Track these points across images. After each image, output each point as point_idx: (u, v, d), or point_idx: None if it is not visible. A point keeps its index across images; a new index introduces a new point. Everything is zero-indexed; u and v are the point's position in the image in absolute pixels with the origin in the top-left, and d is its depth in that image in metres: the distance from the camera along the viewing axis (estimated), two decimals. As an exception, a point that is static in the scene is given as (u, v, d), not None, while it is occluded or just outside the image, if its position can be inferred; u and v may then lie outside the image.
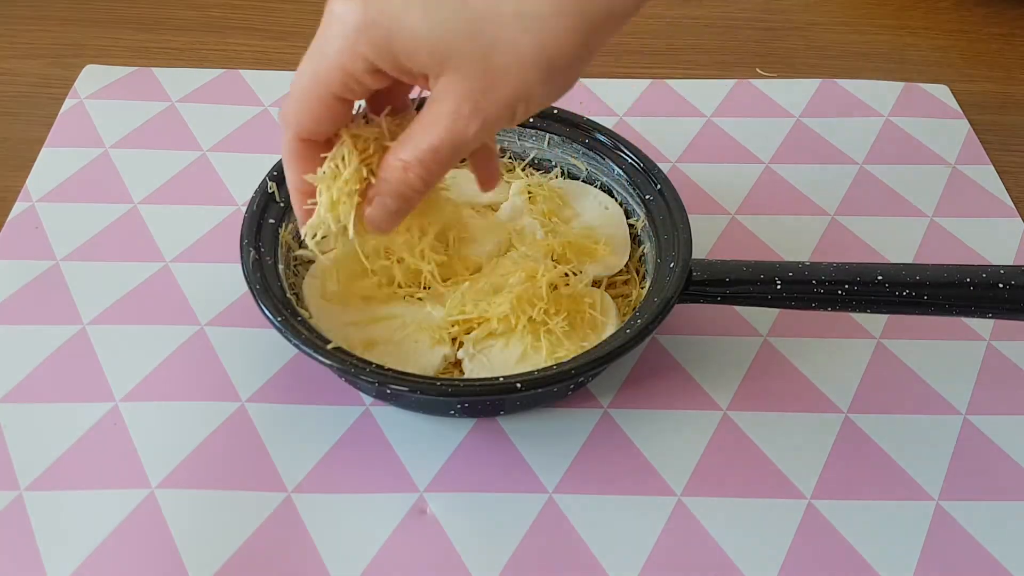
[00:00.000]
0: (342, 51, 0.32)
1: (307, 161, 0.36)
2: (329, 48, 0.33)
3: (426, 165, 0.34)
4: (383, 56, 0.32)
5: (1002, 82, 0.64)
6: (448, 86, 0.32)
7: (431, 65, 0.32)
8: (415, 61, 0.32)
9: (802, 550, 0.38)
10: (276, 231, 0.43)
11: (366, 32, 0.32)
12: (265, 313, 0.38)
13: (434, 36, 0.31)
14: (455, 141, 0.33)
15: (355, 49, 0.32)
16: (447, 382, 0.36)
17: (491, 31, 0.31)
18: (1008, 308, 0.39)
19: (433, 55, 0.31)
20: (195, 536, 0.37)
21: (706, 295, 0.41)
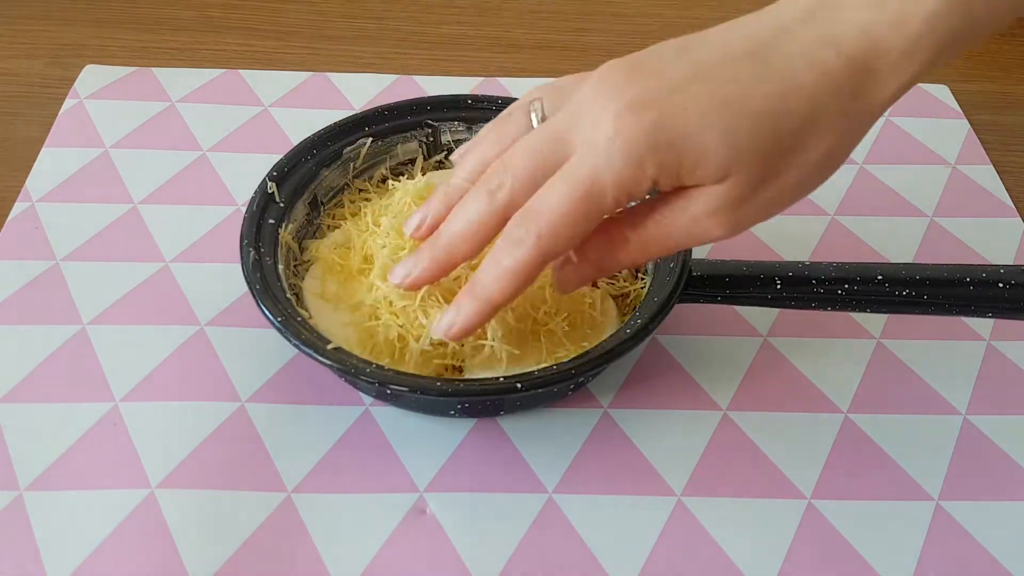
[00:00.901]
0: (623, 172, 0.31)
1: (529, 282, 0.34)
2: (606, 170, 0.31)
3: (647, 249, 0.34)
4: (667, 174, 0.31)
5: (1002, 82, 0.64)
6: (716, 191, 0.32)
7: (713, 177, 0.31)
8: (697, 175, 0.31)
9: (802, 550, 0.38)
10: (276, 231, 0.43)
11: (655, 154, 0.31)
12: (265, 313, 0.38)
13: (726, 151, 0.31)
14: (693, 237, 0.33)
15: (641, 170, 0.31)
16: (447, 382, 0.36)
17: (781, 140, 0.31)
18: (1008, 308, 0.39)
19: (721, 168, 0.31)
20: (195, 536, 0.37)
21: (706, 295, 0.41)
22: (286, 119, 0.57)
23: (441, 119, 0.48)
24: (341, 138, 0.47)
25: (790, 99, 0.31)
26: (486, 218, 0.34)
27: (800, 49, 0.31)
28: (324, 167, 0.46)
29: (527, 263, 0.33)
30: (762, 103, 0.31)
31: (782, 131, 0.31)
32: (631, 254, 0.34)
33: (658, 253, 0.34)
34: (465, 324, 0.35)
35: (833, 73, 0.31)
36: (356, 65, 0.63)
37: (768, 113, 0.31)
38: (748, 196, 0.32)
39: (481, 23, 0.68)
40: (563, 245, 0.33)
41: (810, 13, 0.32)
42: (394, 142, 0.48)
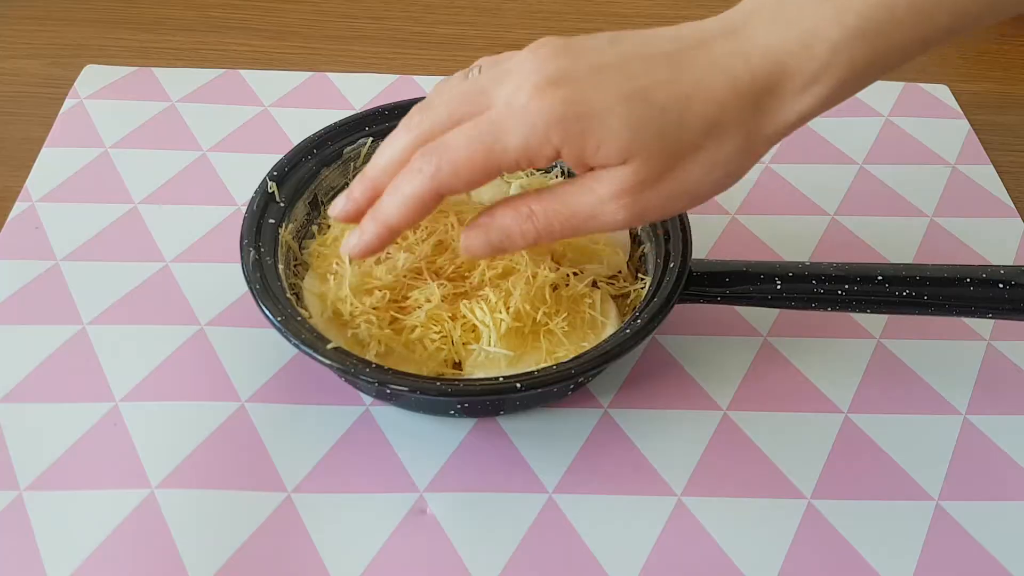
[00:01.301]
0: (530, 136, 0.33)
1: (424, 211, 0.35)
2: (514, 130, 0.33)
3: (551, 225, 0.35)
4: (571, 147, 0.33)
5: (1002, 82, 0.64)
6: (618, 174, 0.33)
7: (614, 159, 0.33)
8: (600, 154, 0.33)
9: (802, 550, 0.38)
10: (276, 231, 0.43)
11: (561, 125, 0.33)
12: (265, 313, 0.38)
13: (629, 135, 0.33)
14: (596, 219, 0.34)
15: (546, 137, 0.33)
16: (446, 382, 0.36)
17: (684, 135, 0.33)
18: (1008, 308, 0.39)
19: (623, 151, 0.33)
20: (195, 536, 0.37)
21: (706, 295, 0.41)
22: (286, 119, 0.57)
23: None
24: (342, 138, 0.47)
25: (696, 100, 0.33)
26: (404, 149, 0.36)
27: (714, 58, 0.33)
28: (325, 167, 0.46)
29: (423, 192, 0.34)
30: (669, 99, 0.33)
31: (685, 127, 0.33)
32: (536, 227, 0.35)
33: (561, 231, 0.35)
34: (366, 245, 0.37)
35: (739, 83, 0.33)
36: (356, 65, 0.63)
37: (673, 109, 0.33)
38: (648, 184, 0.34)
39: (481, 23, 0.68)
40: (459, 185, 0.34)
41: (731, 30, 0.34)
42: None
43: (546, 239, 0.36)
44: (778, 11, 0.34)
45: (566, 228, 0.35)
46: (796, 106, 0.34)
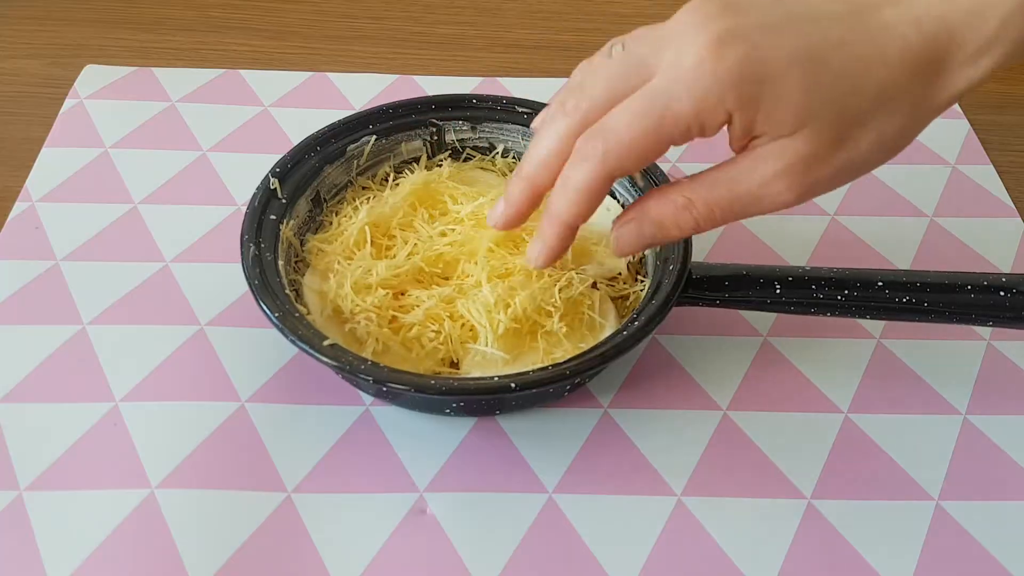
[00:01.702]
0: (704, 100, 0.31)
1: (598, 200, 0.33)
2: (686, 94, 0.31)
3: (712, 214, 0.33)
4: (744, 111, 0.31)
5: (1002, 82, 0.64)
6: (786, 147, 0.31)
7: (786, 127, 0.31)
8: (771, 121, 0.31)
9: (802, 550, 0.38)
10: (277, 227, 0.43)
11: (738, 86, 0.30)
12: (263, 308, 0.38)
13: (805, 101, 0.31)
14: (761, 200, 0.32)
15: (720, 100, 0.31)
16: (440, 380, 0.36)
17: (857, 104, 0.31)
18: (1009, 317, 0.38)
19: (797, 119, 0.31)
20: (195, 536, 0.37)
21: (704, 298, 0.41)
22: (286, 119, 0.57)
23: (445, 118, 0.49)
24: (345, 135, 0.47)
25: (871, 66, 0.31)
26: (563, 138, 0.34)
27: (886, 22, 0.31)
28: (328, 164, 0.46)
29: (593, 179, 0.33)
30: (847, 64, 0.31)
31: (860, 94, 0.31)
32: (695, 217, 0.33)
33: (723, 217, 0.33)
34: (551, 250, 0.36)
35: (912, 49, 0.31)
36: (356, 65, 0.63)
37: (851, 75, 0.31)
38: (820, 157, 0.32)
39: (481, 23, 0.68)
40: (630, 165, 0.32)
41: None
42: (398, 140, 0.48)
43: (705, 228, 0.34)
44: None
45: (728, 214, 0.33)
46: (964, 76, 0.32)
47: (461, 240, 0.43)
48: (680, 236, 0.34)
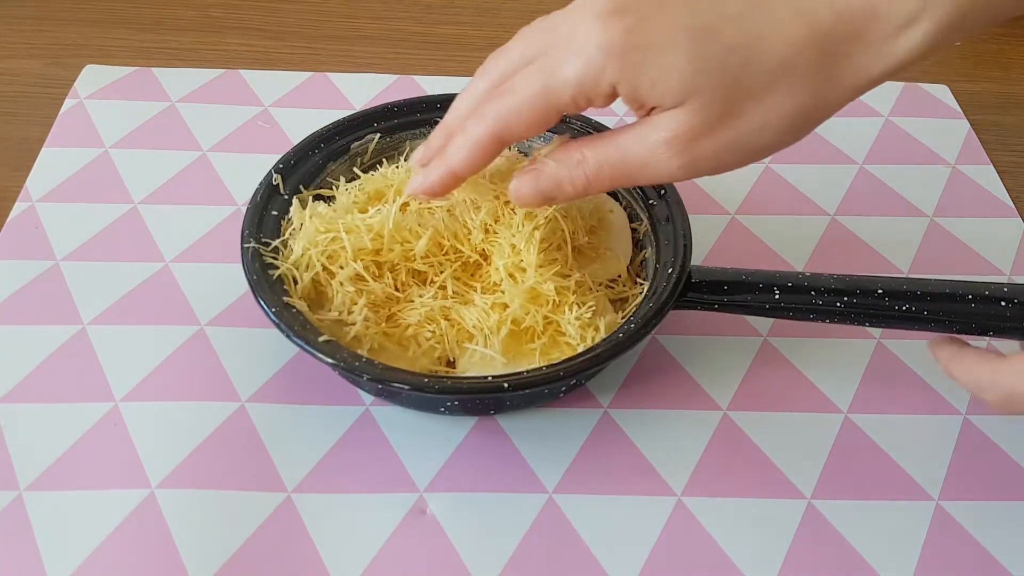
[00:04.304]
0: (585, 69, 0.32)
1: (486, 156, 0.35)
2: (570, 62, 0.32)
3: (602, 172, 0.34)
4: (627, 81, 0.31)
5: (1002, 82, 0.64)
6: (673, 117, 0.32)
7: (670, 98, 0.31)
8: (656, 92, 0.31)
9: (802, 550, 0.38)
10: (278, 223, 0.43)
11: (620, 57, 0.31)
12: (261, 304, 0.38)
13: (691, 72, 0.31)
14: (648, 167, 0.33)
15: (601, 69, 0.31)
16: (434, 379, 0.36)
17: (749, 79, 0.31)
18: (1010, 328, 0.38)
19: (681, 91, 0.31)
20: (195, 536, 0.37)
21: (703, 302, 0.41)
22: (286, 119, 0.57)
23: None
24: (349, 133, 0.47)
25: (769, 40, 0.31)
26: (481, 95, 0.36)
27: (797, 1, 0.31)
28: (331, 161, 0.46)
29: (482, 136, 0.34)
30: (739, 36, 0.31)
31: (753, 69, 0.31)
32: (586, 174, 0.34)
33: (611, 178, 0.34)
34: (429, 186, 0.37)
35: (821, 27, 0.31)
36: (356, 65, 0.63)
37: (743, 47, 0.31)
38: (705, 129, 0.32)
39: (481, 23, 0.68)
40: (519, 127, 0.34)
41: None
42: (402, 139, 0.48)
43: (596, 187, 0.34)
44: None
45: (617, 175, 0.34)
46: (882, 55, 0.31)
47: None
48: (574, 192, 0.35)
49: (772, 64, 0.31)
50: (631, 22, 0.31)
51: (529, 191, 0.36)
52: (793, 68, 0.31)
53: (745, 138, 0.32)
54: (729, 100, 0.31)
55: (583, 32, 0.32)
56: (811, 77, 0.31)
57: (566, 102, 0.33)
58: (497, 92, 0.34)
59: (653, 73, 0.31)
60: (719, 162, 0.33)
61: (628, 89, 0.32)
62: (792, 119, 0.32)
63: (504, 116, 0.34)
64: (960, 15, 0.30)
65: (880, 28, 0.30)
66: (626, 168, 0.33)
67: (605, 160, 0.34)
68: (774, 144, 0.33)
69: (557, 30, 0.33)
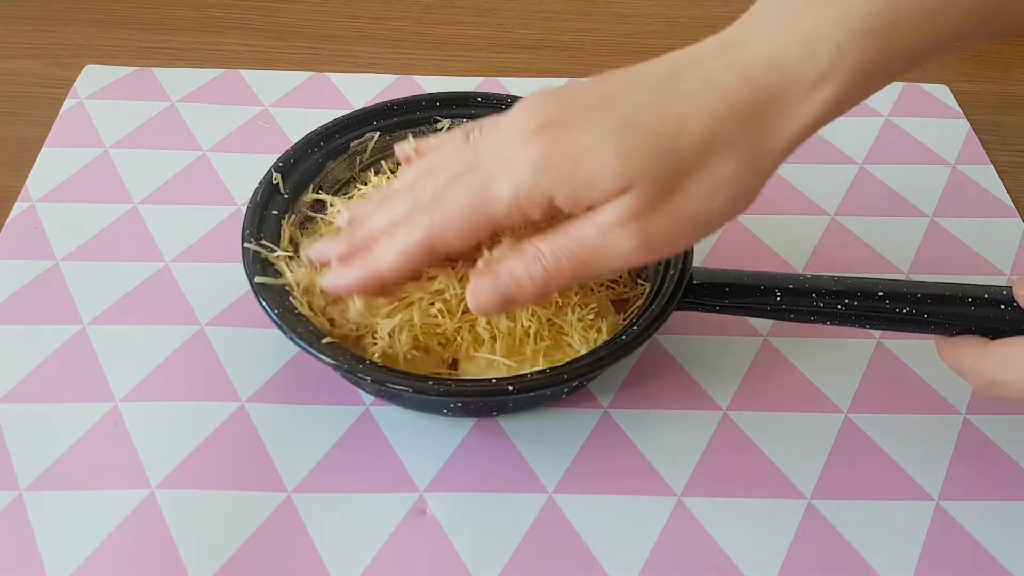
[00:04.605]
0: (518, 184, 0.33)
1: (414, 264, 0.36)
2: (503, 177, 0.33)
3: (560, 264, 0.34)
4: (562, 189, 0.32)
5: (1002, 82, 0.64)
6: (621, 202, 0.32)
7: (611, 189, 0.32)
8: (595, 189, 0.32)
9: (802, 550, 0.38)
10: (278, 222, 0.43)
11: (549, 168, 0.32)
12: (262, 304, 0.38)
13: (623, 163, 0.32)
14: (604, 252, 0.33)
15: (534, 183, 0.33)
16: (438, 381, 0.36)
17: (681, 156, 0.32)
18: (1009, 330, 0.37)
19: (620, 181, 0.32)
20: (195, 536, 0.37)
21: (704, 304, 0.41)
22: (286, 119, 0.57)
23: (450, 116, 0.49)
24: (348, 131, 0.47)
25: (690, 120, 0.32)
26: (404, 216, 0.37)
27: (706, 76, 0.33)
28: (331, 159, 0.46)
29: (416, 245, 0.35)
30: (659, 123, 0.32)
31: (682, 145, 0.32)
32: (545, 267, 0.34)
33: (571, 268, 0.34)
34: (347, 285, 0.37)
35: (736, 98, 0.32)
36: (356, 65, 0.63)
37: (665, 132, 0.32)
38: (653, 207, 0.32)
39: (481, 23, 0.68)
40: (452, 237, 0.35)
41: (722, 47, 0.33)
42: (402, 137, 0.48)
43: (556, 281, 0.34)
44: (779, 20, 0.33)
45: (575, 264, 0.34)
46: (801, 114, 0.32)
47: None
48: (534, 290, 0.34)
49: (698, 139, 0.32)
50: (555, 134, 0.32)
51: (488, 295, 0.35)
52: (718, 140, 0.32)
53: (692, 211, 0.33)
54: (668, 178, 0.32)
55: (511, 151, 0.33)
56: (737, 145, 0.32)
57: (501, 215, 0.34)
58: (429, 203, 0.35)
59: (586, 175, 0.32)
60: (675, 238, 0.34)
61: (567, 195, 0.33)
62: (731, 187, 0.33)
63: (438, 227, 0.34)
64: (863, 76, 0.32)
65: (794, 91, 0.32)
66: (583, 254, 0.34)
67: (561, 250, 0.34)
68: (722, 213, 0.34)
69: (482, 150, 0.35)
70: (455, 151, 0.37)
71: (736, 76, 0.32)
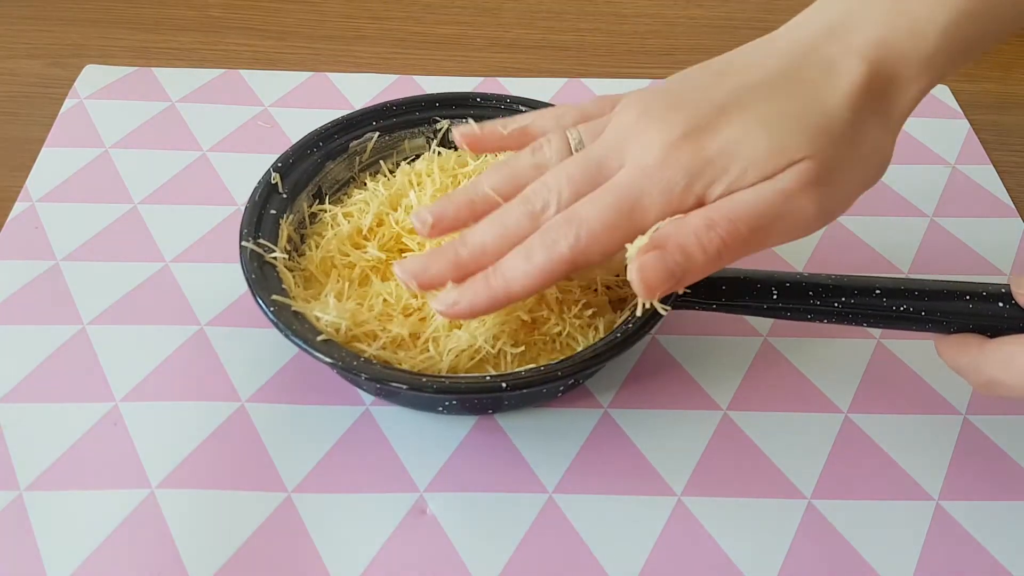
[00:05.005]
0: (671, 192, 0.33)
1: (553, 282, 0.34)
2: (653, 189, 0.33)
3: (737, 232, 0.33)
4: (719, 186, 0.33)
5: (1002, 82, 0.64)
6: (798, 169, 0.33)
7: (771, 169, 0.33)
8: (755, 172, 0.33)
9: (802, 550, 0.38)
10: (277, 221, 0.43)
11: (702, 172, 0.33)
12: (259, 303, 0.38)
13: (780, 144, 0.33)
14: (782, 218, 0.33)
15: (688, 189, 0.33)
16: (433, 379, 0.36)
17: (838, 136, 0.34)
18: (1007, 327, 0.37)
19: (779, 157, 0.33)
20: (195, 536, 0.37)
21: (701, 302, 0.41)
22: (286, 119, 0.57)
23: (449, 116, 0.49)
24: (348, 132, 0.47)
25: (829, 103, 0.34)
26: (525, 229, 0.35)
27: (828, 61, 0.34)
28: (330, 160, 0.46)
29: (559, 263, 0.33)
30: (801, 109, 0.34)
31: (833, 126, 0.34)
32: (721, 236, 0.32)
33: (748, 237, 0.33)
34: (471, 307, 0.34)
35: (861, 80, 0.34)
36: (356, 65, 0.63)
37: (811, 114, 0.34)
38: (829, 175, 0.34)
39: (481, 23, 0.68)
40: (596, 254, 0.34)
41: (830, 30, 0.35)
42: (401, 137, 0.48)
43: (731, 252, 0.33)
44: (880, 3, 0.35)
45: (754, 231, 0.33)
46: (916, 87, 0.35)
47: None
48: (706, 262, 0.33)
49: (846, 115, 0.34)
50: (702, 140, 0.33)
51: (658, 273, 0.32)
52: (860, 114, 0.34)
53: (858, 178, 0.35)
54: (833, 151, 0.34)
55: (656, 160, 0.33)
56: (875, 115, 0.34)
57: (650, 223, 0.34)
58: (564, 219, 0.34)
59: (744, 162, 0.33)
60: (846, 204, 0.35)
61: (726, 187, 0.33)
62: (880, 152, 0.35)
63: (586, 243, 0.33)
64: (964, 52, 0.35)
65: (907, 71, 0.34)
66: (764, 221, 0.33)
67: (739, 216, 0.32)
68: (876, 176, 0.36)
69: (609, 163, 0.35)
70: (571, 162, 0.35)
71: (856, 59, 0.34)
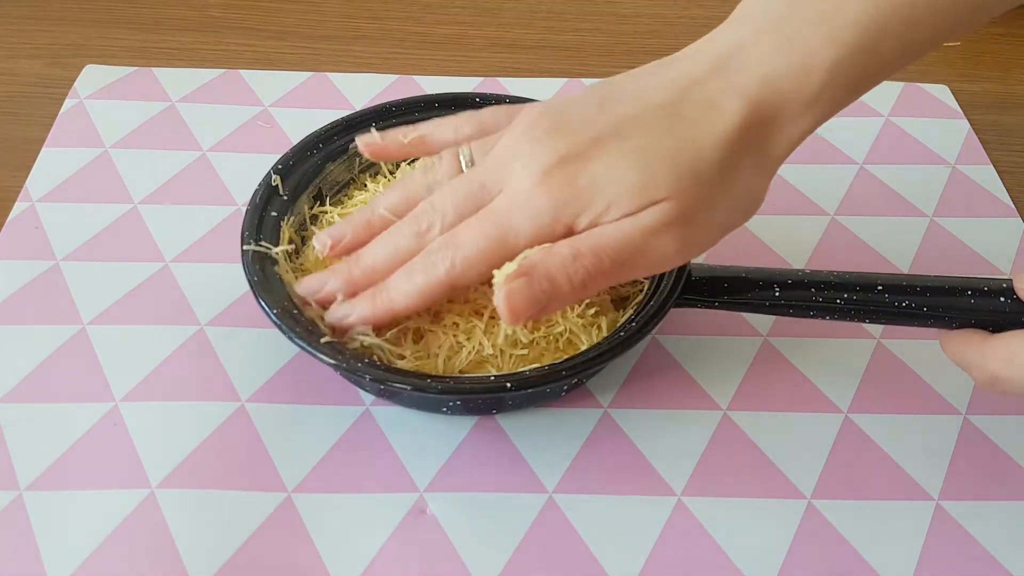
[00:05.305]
0: (539, 221, 0.34)
1: (432, 302, 0.37)
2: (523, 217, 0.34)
3: (600, 263, 0.33)
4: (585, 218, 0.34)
5: (1002, 82, 0.64)
6: (659, 208, 0.33)
7: (633, 207, 0.33)
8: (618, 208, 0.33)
9: (802, 550, 0.38)
10: (278, 223, 0.43)
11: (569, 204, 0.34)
12: (262, 305, 0.38)
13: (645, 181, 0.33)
14: (643, 254, 0.34)
15: (555, 219, 0.34)
16: (436, 379, 0.36)
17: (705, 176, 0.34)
18: (1009, 322, 0.38)
19: (642, 195, 0.33)
20: (195, 536, 0.37)
21: (704, 300, 0.41)
22: (286, 119, 0.57)
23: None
24: (348, 133, 0.47)
25: (701, 142, 0.34)
26: (412, 251, 0.37)
27: (710, 98, 0.34)
28: (330, 161, 0.46)
29: (437, 285, 0.35)
30: (674, 146, 0.34)
31: (702, 166, 0.34)
32: (586, 266, 0.33)
33: (611, 268, 0.34)
34: (361, 321, 0.37)
35: (740, 120, 0.34)
36: (356, 65, 0.63)
37: (683, 153, 0.34)
38: (691, 215, 0.34)
39: (481, 23, 0.68)
40: (473, 276, 0.35)
41: (718, 65, 0.34)
42: None
43: (595, 283, 0.33)
44: (771, 37, 0.34)
45: (616, 264, 0.33)
46: (798, 127, 0.34)
47: None
48: (571, 291, 0.33)
49: (715, 155, 0.34)
50: (572, 169, 0.33)
51: (524, 300, 0.32)
52: (731, 154, 0.34)
53: (721, 218, 0.35)
54: (697, 191, 0.34)
55: (525, 187, 0.34)
56: (748, 156, 0.34)
57: (522, 248, 0.34)
58: (443, 243, 0.35)
59: (609, 198, 0.33)
60: (708, 243, 0.36)
61: (590, 220, 0.34)
62: (749, 193, 0.35)
63: (461, 267, 0.35)
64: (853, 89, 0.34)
65: (790, 109, 0.34)
66: (625, 255, 0.34)
67: (603, 249, 0.33)
68: (743, 217, 0.36)
69: (489, 187, 0.35)
70: (456, 183, 0.37)
71: (737, 98, 0.34)
